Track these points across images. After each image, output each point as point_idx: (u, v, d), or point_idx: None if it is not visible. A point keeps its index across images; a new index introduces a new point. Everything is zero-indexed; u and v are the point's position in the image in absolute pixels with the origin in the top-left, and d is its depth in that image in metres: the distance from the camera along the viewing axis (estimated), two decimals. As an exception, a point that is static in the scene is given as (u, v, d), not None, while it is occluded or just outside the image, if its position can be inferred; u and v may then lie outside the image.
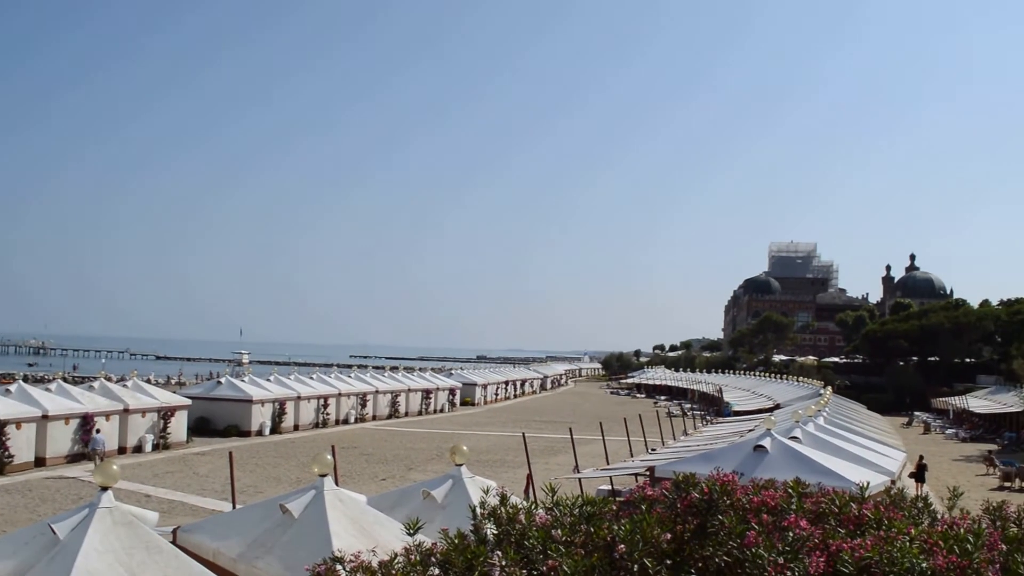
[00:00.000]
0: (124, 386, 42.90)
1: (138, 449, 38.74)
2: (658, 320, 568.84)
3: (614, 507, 5.51)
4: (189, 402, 43.50)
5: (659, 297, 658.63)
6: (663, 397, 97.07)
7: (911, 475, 31.33)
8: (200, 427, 45.31)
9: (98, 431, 35.35)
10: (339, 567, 5.02)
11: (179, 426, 41.79)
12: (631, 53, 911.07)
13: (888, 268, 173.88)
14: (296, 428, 50.09)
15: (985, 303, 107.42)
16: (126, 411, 38.45)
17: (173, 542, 9.35)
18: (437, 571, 4.87)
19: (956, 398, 75.71)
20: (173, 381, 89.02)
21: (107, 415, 37.21)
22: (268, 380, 52.20)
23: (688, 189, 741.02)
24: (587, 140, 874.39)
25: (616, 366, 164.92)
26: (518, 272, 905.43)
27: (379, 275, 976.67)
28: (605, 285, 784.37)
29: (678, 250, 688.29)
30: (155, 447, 39.54)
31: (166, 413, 40.71)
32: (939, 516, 5.74)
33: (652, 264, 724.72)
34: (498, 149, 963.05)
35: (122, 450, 37.83)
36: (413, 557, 4.99)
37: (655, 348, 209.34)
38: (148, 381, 60.82)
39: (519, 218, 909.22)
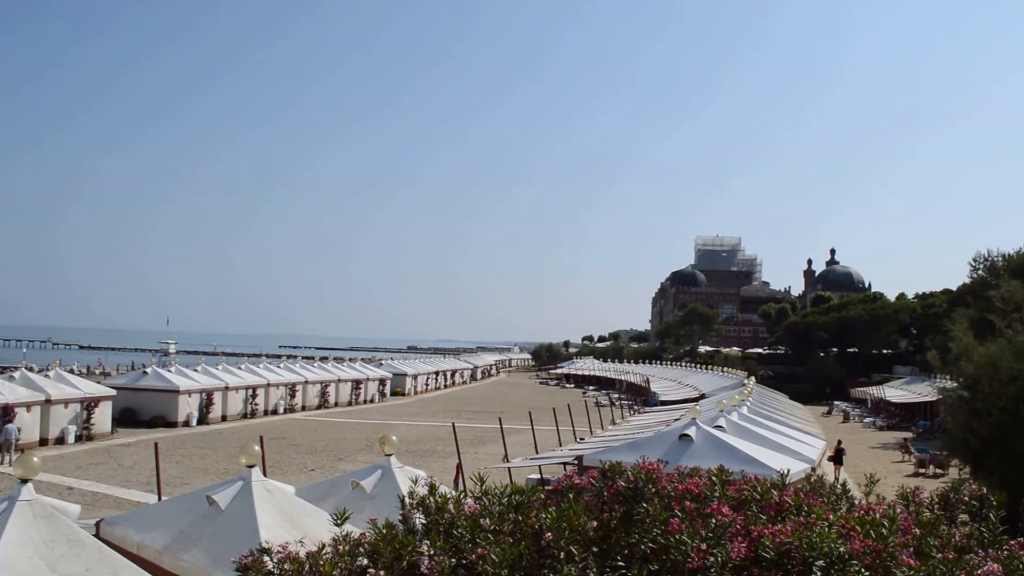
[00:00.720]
0: (46, 376, 41.75)
1: (61, 440, 37.74)
2: (587, 312, 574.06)
3: (542, 496, 5.57)
4: (114, 392, 42.58)
5: (588, 289, 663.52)
6: (592, 387, 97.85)
7: (830, 458, 32.35)
8: (125, 418, 44.41)
9: (10, 422, 34.29)
10: (266, 558, 5.00)
11: (103, 417, 40.82)
12: (555, 51, 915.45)
13: (809, 262, 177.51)
14: (224, 419, 49.40)
15: (901, 296, 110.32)
16: (48, 402, 37.41)
17: (96, 535, 9.17)
18: (365, 561, 4.88)
19: (874, 388, 77.67)
20: (97, 371, 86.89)
21: (28, 406, 36.17)
22: (195, 370, 51.42)
23: (617, 183, 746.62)
24: (515, 134, 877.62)
25: (546, 356, 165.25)
26: (449, 264, 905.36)
27: (311, 266, 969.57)
28: (536, 278, 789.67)
29: (607, 244, 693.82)
30: (78, 438, 38.56)
31: (90, 404, 39.75)
32: (856, 502, 5.92)
33: (582, 257, 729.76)
34: (427, 143, 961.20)
35: (44, 442, 36.79)
36: (341, 547, 5.00)
37: (584, 339, 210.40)
38: (72, 371, 59.35)
39: (450, 211, 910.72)
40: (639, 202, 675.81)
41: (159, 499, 18.07)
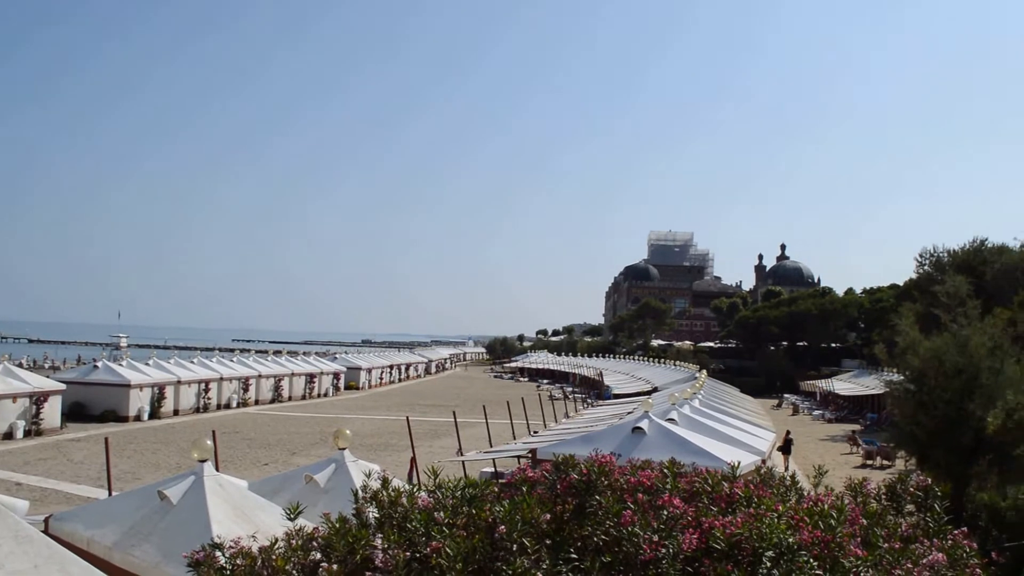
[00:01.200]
0: (-6, 370, 40.97)
1: (8, 435, 37.07)
2: (541, 306, 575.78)
3: (496, 489, 5.59)
4: (63, 387, 41.85)
5: (542, 284, 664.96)
6: (546, 381, 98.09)
7: (779, 448, 32.86)
8: (75, 412, 43.76)
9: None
10: (218, 553, 4.96)
11: (53, 411, 40.18)
12: (497, 49, 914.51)
13: (760, 257, 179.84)
14: (176, 413, 48.84)
15: (849, 291, 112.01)
16: (-5, 396, 36.74)
17: (45, 531, 9.02)
18: (319, 555, 4.87)
19: (822, 381, 78.78)
20: (46, 365, 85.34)
21: (-25, 400, 35.50)
22: (147, 364, 50.67)
23: (569, 175, 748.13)
24: (458, 124, 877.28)
25: (500, 350, 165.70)
26: (401, 259, 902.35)
27: (262, 261, 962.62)
28: (489, 272, 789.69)
29: (561, 238, 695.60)
30: (27, 433, 37.93)
31: (39, 398, 39.10)
32: (805, 493, 6.02)
33: (535, 252, 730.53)
34: (375, 135, 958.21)
35: (-9, 437, 36.17)
36: (294, 542, 4.98)
37: (538, 333, 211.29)
38: (20, 365, 58.23)
39: (400, 205, 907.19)
40: (592, 195, 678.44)
41: (110, 494, 17.83)
